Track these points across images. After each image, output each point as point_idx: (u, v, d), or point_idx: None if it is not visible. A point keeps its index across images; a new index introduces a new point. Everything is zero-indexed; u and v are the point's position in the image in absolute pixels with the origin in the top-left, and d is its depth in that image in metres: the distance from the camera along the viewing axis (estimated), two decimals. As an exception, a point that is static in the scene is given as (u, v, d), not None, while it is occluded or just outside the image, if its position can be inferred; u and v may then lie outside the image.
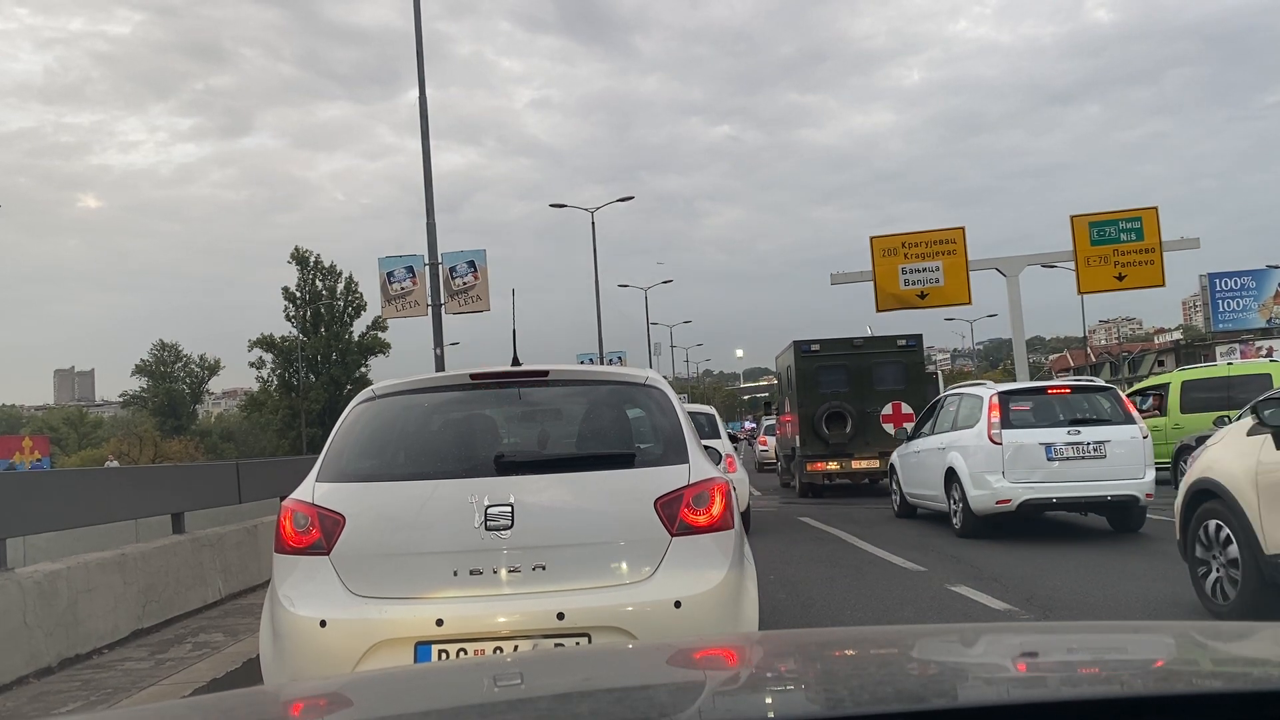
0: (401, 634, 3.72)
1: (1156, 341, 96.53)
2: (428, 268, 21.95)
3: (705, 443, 5.51)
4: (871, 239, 32.21)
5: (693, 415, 7.55)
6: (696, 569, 3.93)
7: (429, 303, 22.14)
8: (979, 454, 11.16)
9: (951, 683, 1.56)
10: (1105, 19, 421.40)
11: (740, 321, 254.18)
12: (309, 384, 72.26)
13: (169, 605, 7.31)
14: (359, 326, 73.26)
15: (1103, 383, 12.66)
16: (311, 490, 4.08)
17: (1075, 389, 11.93)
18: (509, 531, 3.84)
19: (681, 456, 4.16)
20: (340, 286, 73.54)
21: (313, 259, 72.82)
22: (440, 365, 22.07)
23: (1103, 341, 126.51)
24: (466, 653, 3.70)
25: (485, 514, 3.86)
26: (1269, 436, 5.90)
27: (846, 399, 18.35)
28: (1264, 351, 40.26)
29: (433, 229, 21.72)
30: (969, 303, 31.80)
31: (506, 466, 4.08)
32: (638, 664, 1.88)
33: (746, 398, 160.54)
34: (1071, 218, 31.70)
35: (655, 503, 3.97)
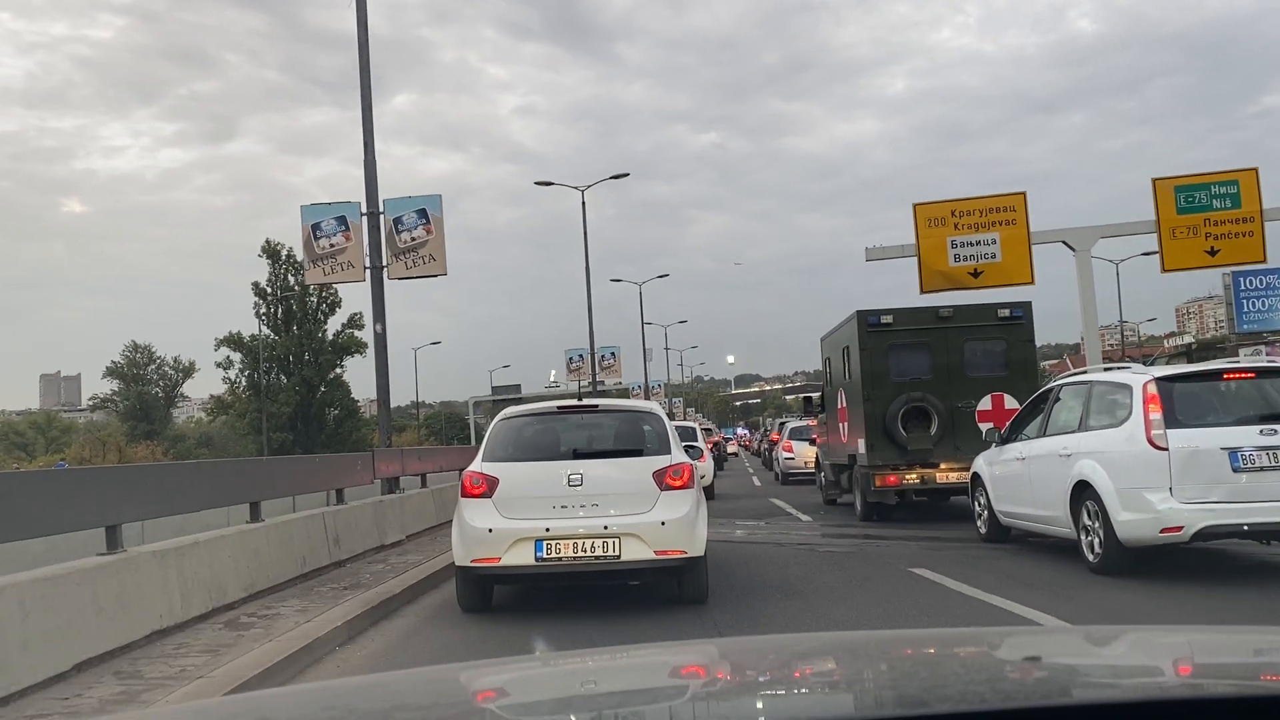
0: (528, 535, 7.11)
1: (1166, 345, 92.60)
2: (365, 218, 16.75)
3: (688, 443, 13.23)
4: (915, 206, 27.27)
5: (684, 429, 17.69)
6: (674, 507, 7.29)
7: (366, 264, 16.94)
8: (1132, 463, 8.14)
9: (957, 687, 1.55)
10: (1088, 29, 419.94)
11: (730, 329, 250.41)
12: (279, 385, 67.67)
13: None
14: (334, 325, 68.58)
15: None
16: (480, 465, 7.55)
17: (1262, 372, 8.81)
18: (580, 487, 7.27)
19: (668, 450, 7.66)
20: (314, 282, 68.29)
21: (284, 252, 67.85)
22: (381, 344, 16.91)
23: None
24: (562, 545, 7.08)
25: (568, 478, 7.31)
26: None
27: (930, 389, 13.18)
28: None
29: (372, 165, 16.49)
30: (1031, 282, 26.71)
31: (579, 454, 7.72)
32: (665, 667, 1.99)
33: (739, 404, 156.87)
34: (1154, 181, 26.72)
35: (653, 474, 7.41)
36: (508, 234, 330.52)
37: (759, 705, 1.60)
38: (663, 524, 7.12)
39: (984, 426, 12.90)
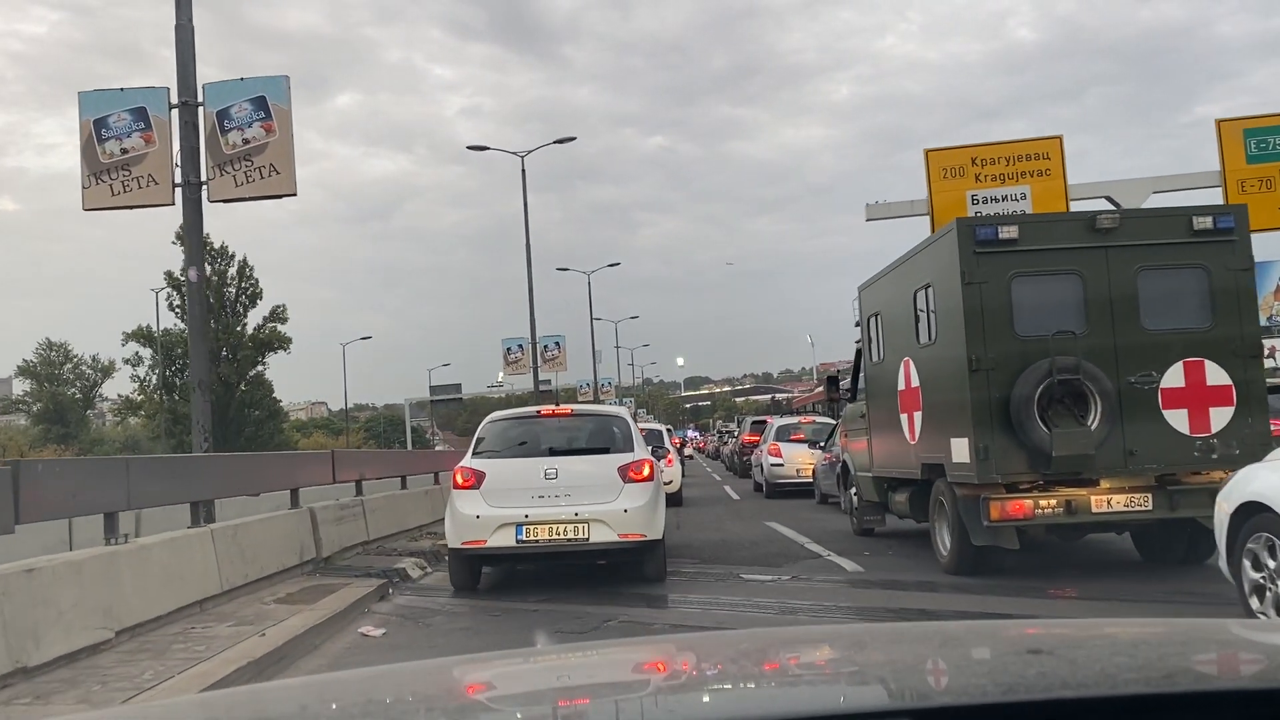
0: (510, 521, 8.35)
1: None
2: (176, 110, 11.13)
3: (655, 445, 14.95)
4: (927, 153, 22.36)
5: (653, 430, 19.37)
6: (635, 496, 8.54)
7: (175, 180, 11.34)
8: None
9: (958, 680, 1.50)
10: (1028, 38, 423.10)
11: (679, 331, 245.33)
12: (191, 384, 61.60)
13: None
14: (255, 318, 62.88)
15: None
16: (470, 461, 8.90)
17: None
18: (555, 480, 8.52)
19: (631, 448, 8.97)
20: (232, 271, 63.27)
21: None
22: (197, 297, 11.42)
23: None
24: (539, 529, 8.33)
25: (544, 472, 8.57)
26: None
27: (1086, 352, 7.77)
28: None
29: (186, 30, 10.86)
30: (1070, 247, 21.75)
31: (554, 452, 8.94)
32: (647, 661, 1.95)
33: (689, 406, 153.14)
34: (1218, 123, 21.89)
35: (617, 468, 8.64)
36: (454, 235, 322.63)
37: (754, 697, 1.52)
38: (625, 511, 8.46)
39: (1174, 418, 7.67)
